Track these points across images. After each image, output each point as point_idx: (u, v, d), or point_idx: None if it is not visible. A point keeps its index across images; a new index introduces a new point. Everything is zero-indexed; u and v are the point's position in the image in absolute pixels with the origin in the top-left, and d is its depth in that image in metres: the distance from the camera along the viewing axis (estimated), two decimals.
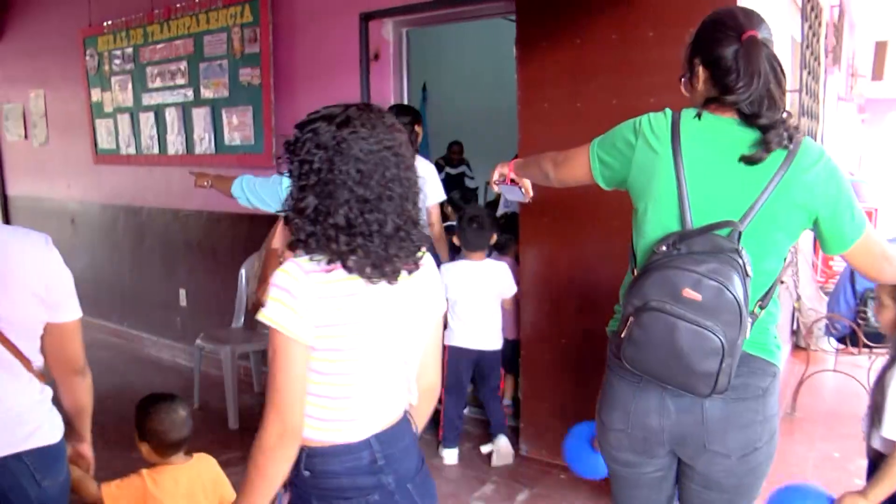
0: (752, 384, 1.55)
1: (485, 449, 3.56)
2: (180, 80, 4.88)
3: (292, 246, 1.40)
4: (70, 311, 1.74)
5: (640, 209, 1.60)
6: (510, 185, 2.10)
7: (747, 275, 1.42)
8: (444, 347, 3.61)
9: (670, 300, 1.41)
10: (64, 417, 1.80)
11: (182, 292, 5.20)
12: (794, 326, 5.18)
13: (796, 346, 5.22)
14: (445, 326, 3.57)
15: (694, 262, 1.41)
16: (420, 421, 1.61)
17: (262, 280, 3.04)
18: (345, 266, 1.35)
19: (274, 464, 1.35)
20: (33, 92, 6.45)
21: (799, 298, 4.28)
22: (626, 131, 1.61)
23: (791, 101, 4.47)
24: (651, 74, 2.90)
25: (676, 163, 1.50)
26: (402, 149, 1.40)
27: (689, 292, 1.40)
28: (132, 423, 2.19)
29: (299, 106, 4.21)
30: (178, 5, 4.78)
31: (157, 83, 5.06)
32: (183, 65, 4.83)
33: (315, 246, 1.36)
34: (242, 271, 4.36)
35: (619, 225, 2.98)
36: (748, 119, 1.48)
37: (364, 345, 1.39)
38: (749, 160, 1.47)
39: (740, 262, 1.42)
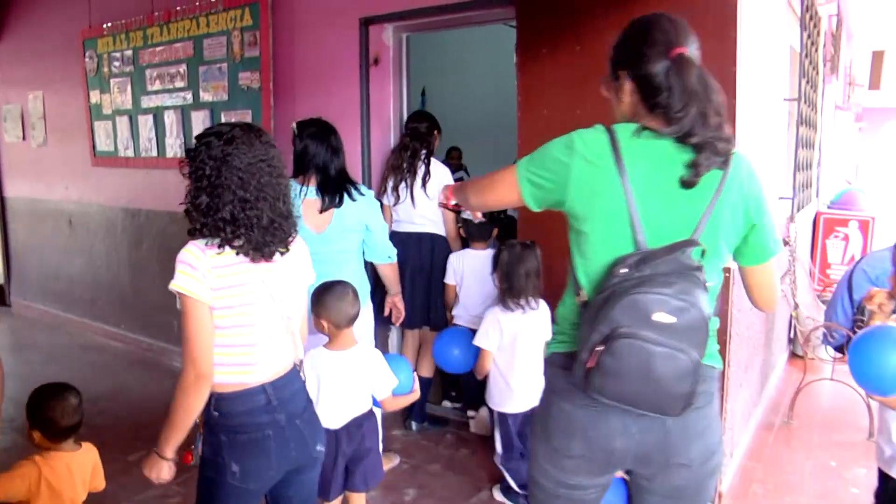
0: (704, 391, 1.53)
1: (469, 413, 3.90)
2: (179, 83, 4.87)
3: (190, 233, 1.80)
4: None
5: (584, 230, 1.53)
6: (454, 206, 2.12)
7: (706, 292, 1.41)
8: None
9: (642, 325, 1.36)
10: None
11: None
12: (792, 335, 5.18)
13: (793, 355, 5.22)
14: (450, 309, 3.75)
15: (662, 284, 1.37)
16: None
17: None
18: (231, 248, 1.76)
19: (191, 401, 1.73)
20: (32, 93, 6.44)
21: (797, 307, 4.28)
22: (557, 151, 1.53)
23: (790, 110, 4.49)
24: None
25: (623, 181, 1.44)
26: (274, 161, 1.83)
27: (661, 316, 1.35)
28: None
29: (299, 110, 4.20)
30: (178, 8, 4.78)
31: (157, 86, 5.05)
32: (182, 68, 4.82)
33: (208, 234, 1.77)
34: None
35: None
36: (681, 138, 1.45)
37: (251, 302, 1.79)
38: (685, 184, 1.44)
39: (702, 279, 1.40)
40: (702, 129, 1.43)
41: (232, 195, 1.75)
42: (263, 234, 1.79)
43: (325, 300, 2.50)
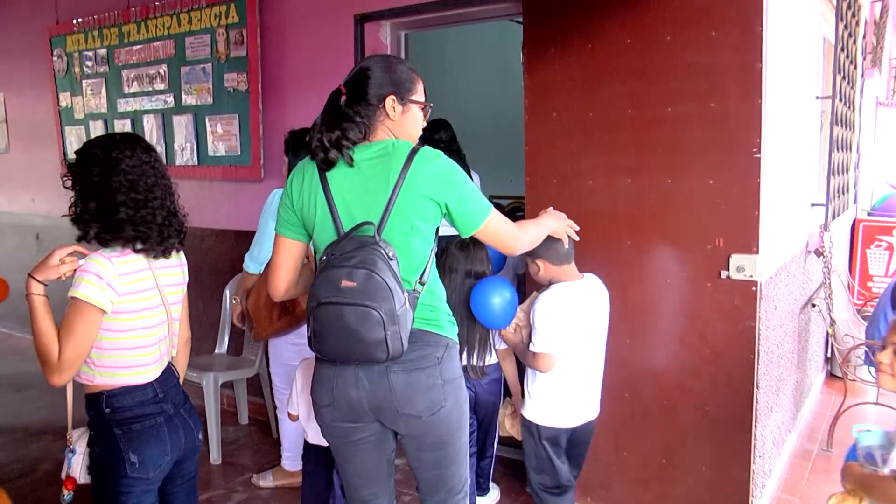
0: (428, 355, 2.11)
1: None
2: (160, 85, 4.98)
3: (79, 239, 2.10)
4: None
5: (311, 233, 2.14)
6: None
7: (390, 259, 1.95)
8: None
9: (334, 292, 1.92)
10: None
11: None
12: (829, 354, 5.24)
13: (831, 376, 5.26)
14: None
15: (345, 259, 1.93)
16: (182, 367, 2.38)
17: (254, 290, 3.25)
18: (133, 250, 2.07)
19: (52, 374, 2.02)
20: None
21: (833, 323, 4.35)
22: (287, 189, 2.17)
23: (823, 109, 4.58)
24: (669, 81, 2.98)
25: (326, 193, 2.07)
26: (156, 164, 2.16)
27: (345, 282, 1.91)
28: None
29: (289, 114, 4.31)
30: (156, 3, 4.89)
31: (134, 88, 5.16)
32: (163, 68, 4.94)
33: (108, 237, 2.06)
34: (227, 292, 4.45)
35: (631, 245, 3.09)
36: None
37: (150, 306, 2.12)
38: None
39: (381, 250, 1.95)
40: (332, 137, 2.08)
41: (124, 196, 2.06)
42: (160, 232, 2.12)
43: None
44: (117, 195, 2.06)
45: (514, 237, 2.29)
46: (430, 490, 2.28)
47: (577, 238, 2.62)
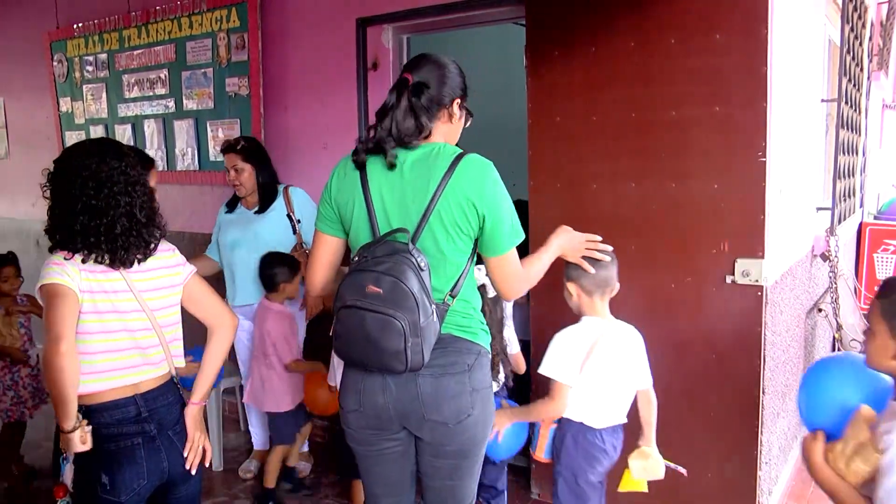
0: (458, 361, 2.07)
1: None
2: (160, 90, 5.02)
3: (50, 250, 2.05)
4: None
5: (348, 230, 2.13)
6: None
7: (421, 269, 1.92)
8: None
9: (359, 297, 1.90)
10: None
11: None
12: None
13: None
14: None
15: (375, 264, 1.92)
16: (223, 345, 2.31)
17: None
18: (86, 259, 1.99)
19: (53, 370, 1.87)
20: None
21: (840, 328, 4.36)
22: (327, 184, 2.14)
23: (828, 112, 4.59)
24: (673, 85, 3.00)
25: (364, 192, 2.04)
26: (128, 170, 2.06)
27: (371, 287, 1.89)
28: None
29: (291, 119, 4.33)
30: (157, 8, 4.92)
31: (135, 93, 5.20)
32: (163, 73, 4.97)
33: (65, 247, 2.00)
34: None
35: (636, 249, 3.09)
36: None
37: (118, 310, 2.04)
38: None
39: (413, 259, 1.92)
40: (392, 136, 2.03)
41: (82, 204, 1.99)
42: (117, 242, 2.02)
43: None
44: (77, 203, 2.00)
45: (523, 280, 2.19)
46: (437, 502, 2.22)
47: (607, 258, 2.54)
